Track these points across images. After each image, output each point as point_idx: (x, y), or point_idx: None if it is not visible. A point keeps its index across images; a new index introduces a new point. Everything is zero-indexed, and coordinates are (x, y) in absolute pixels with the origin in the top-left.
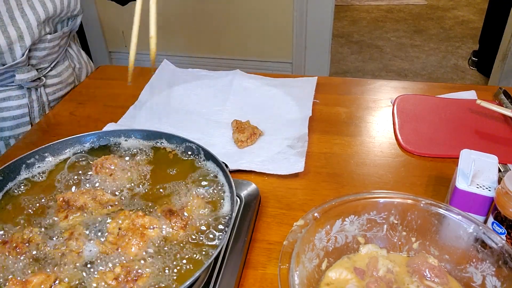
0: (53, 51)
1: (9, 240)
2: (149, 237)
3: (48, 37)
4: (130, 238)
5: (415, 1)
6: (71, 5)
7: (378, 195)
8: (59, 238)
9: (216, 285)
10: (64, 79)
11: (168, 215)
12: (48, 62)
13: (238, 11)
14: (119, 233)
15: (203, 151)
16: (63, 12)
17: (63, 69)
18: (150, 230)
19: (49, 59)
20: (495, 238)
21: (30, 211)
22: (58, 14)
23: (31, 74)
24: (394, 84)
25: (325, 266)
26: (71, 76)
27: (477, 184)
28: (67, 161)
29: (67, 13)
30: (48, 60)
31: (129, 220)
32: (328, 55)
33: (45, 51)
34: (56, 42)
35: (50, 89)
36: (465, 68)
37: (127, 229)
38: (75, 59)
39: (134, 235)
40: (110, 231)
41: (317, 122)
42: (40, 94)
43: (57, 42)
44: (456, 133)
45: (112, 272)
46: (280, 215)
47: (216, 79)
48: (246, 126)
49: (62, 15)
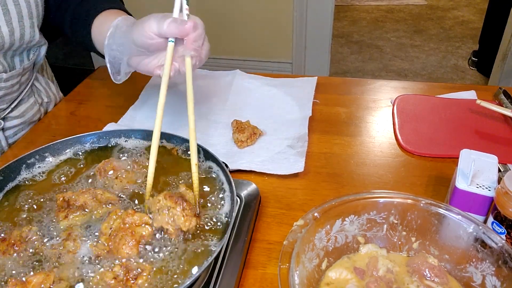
0: (11, 90)
1: (8, 238)
2: (140, 235)
3: (3, 76)
4: (120, 238)
5: (415, 1)
6: (26, 37)
7: (378, 195)
8: (57, 238)
9: (216, 285)
10: (28, 119)
11: (177, 201)
12: (6, 103)
13: (238, 11)
14: (111, 233)
15: (203, 151)
16: (14, 45)
17: (27, 107)
18: (141, 228)
19: (7, 99)
20: (495, 238)
21: (30, 210)
22: (9, 47)
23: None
24: (394, 84)
25: (325, 266)
26: (37, 113)
27: (477, 184)
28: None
29: (22, 45)
30: (6, 100)
31: (120, 219)
32: (328, 55)
33: (1, 91)
34: (14, 81)
35: (10, 131)
36: (465, 68)
37: (117, 229)
38: (43, 93)
39: (125, 234)
40: (102, 231)
41: (317, 122)
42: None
43: (16, 80)
44: (456, 133)
45: (111, 273)
46: (280, 215)
47: (216, 79)
48: (246, 126)
49: (15, 47)
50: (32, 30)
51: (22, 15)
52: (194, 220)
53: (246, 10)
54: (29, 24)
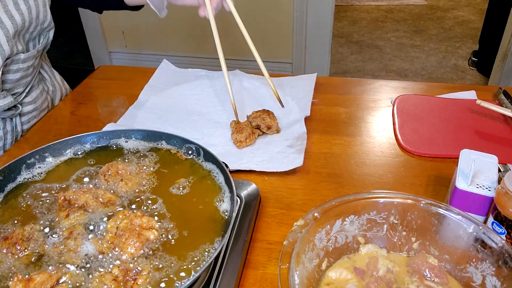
0: (27, 73)
1: (10, 237)
2: (146, 238)
3: (21, 57)
4: (127, 238)
5: (415, 1)
6: (40, 17)
7: (378, 195)
8: (59, 237)
9: (216, 285)
10: (39, 106)
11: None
12: (22, 86)
13: (238, 11)
14: (116, 233)
15: (203, 151)
16: (31, 25)
17: (37, 94)
18: (149, 231)
19: (24, 82)
20: (495, 238)
21: (31, 210)
22: (27, 27)
23: (7, 101)
24: (394, 84)
25: (325, 266)
26: (45, 101)
27: (477, 184)
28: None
29: (37, 26)
30: (23, 84)
31: (128, 219)
32: (328, 55)
33: (19, 73)
34: (30, 63)
35: (25, 118)
36: (465, 68)
37: (124, 229)
38: (48, 81)
39: (131, 235)
40: (108, 230)
41: (317, 122)
42: (15, 125)
43: (31, 62)
44: (456, 133)
45: (110, 274)
46: (280, 215)
47: (216, 79)
48: (245, 126)
49: (31, 28)
50: (45, 9)
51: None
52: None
53: (246, 10)
54: (42, 2)
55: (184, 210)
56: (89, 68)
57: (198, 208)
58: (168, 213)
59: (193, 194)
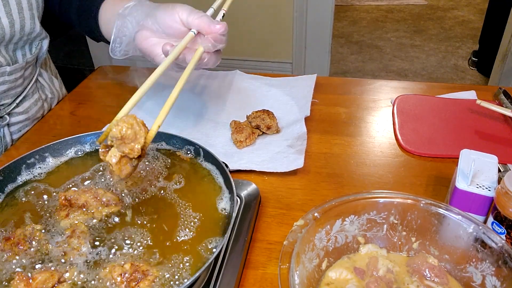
0: (15, 84)
1: (12, 237)
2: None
3: (7, 69)
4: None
5: (415, 1)
6: (26, 29)
7: (378, 195)
8: (61, 236)
9: (216, 285)
10: (31, 115)
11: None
12: (10, 98)
13: (238, 11)
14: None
15: (203, 151)
16: (14, 37)
17: (31, 104)
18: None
19: (12, 94)
20: (495, 238)
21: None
22: (9, 40)
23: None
24: (394, 84)
25: (325, 266)
26: (40, 109)
27: (477, 184)
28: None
29: (22, 37)
30: (11, 95)
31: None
32: (328, 55)
33: (5, 85)
34: (18, 74)
35: (15, 127)
36: (465, 68)
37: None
38: (47, 89)
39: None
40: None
41: (317, 122)
42: (3, 135)
43: (19, 73)
44: (456, 133)
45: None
46: (280, 215)
47: (216, 79)
48: (244, 126)
49: (15, 40)
50: (33, 21)
51: (22, 6)
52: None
53: (246, 10)
54: (29, 15)
55: (184, 210)
56: (89, 68)
57: (198, 208)
58: (168, 213)
59: (193, 194)
